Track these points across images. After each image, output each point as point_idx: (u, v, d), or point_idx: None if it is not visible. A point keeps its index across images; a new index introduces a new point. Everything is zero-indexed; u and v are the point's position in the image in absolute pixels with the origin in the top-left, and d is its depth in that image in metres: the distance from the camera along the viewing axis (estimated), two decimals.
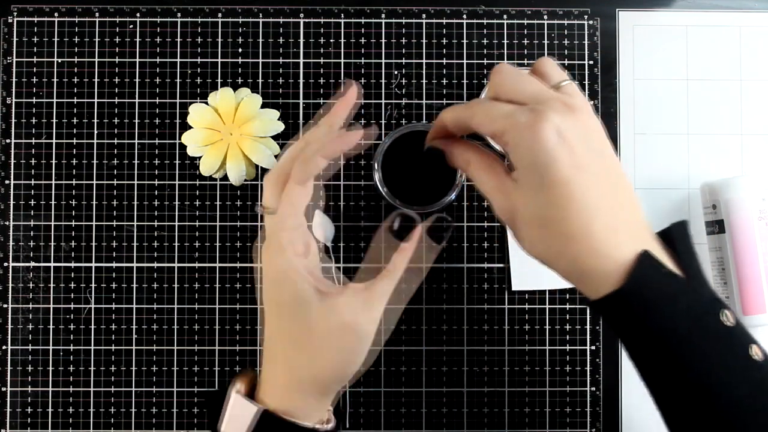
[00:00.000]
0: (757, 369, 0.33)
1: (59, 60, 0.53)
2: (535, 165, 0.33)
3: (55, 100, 0.53)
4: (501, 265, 0.53)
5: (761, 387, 0.33)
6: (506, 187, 0.35)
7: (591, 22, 0.53)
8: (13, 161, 0.53)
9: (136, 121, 0.53)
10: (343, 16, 0.53)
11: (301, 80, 0.53)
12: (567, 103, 0.34)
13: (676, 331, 0.33)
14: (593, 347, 0.52)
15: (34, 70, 0.53)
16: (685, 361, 0.33)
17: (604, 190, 0.34)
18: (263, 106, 0.52)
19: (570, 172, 0.33)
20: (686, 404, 0.33)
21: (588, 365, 0.52)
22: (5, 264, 0.52)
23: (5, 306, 0.52)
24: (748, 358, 0.33)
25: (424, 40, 0.53)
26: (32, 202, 0.53)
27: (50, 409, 0.52)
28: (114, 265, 0.53)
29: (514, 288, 0.52)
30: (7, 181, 0.53)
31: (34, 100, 0.53)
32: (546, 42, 0.53)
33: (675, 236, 0.35)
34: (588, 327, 0.52)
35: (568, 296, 0.53)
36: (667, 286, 0.33)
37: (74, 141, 0.53)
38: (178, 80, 0.53)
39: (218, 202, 0.53)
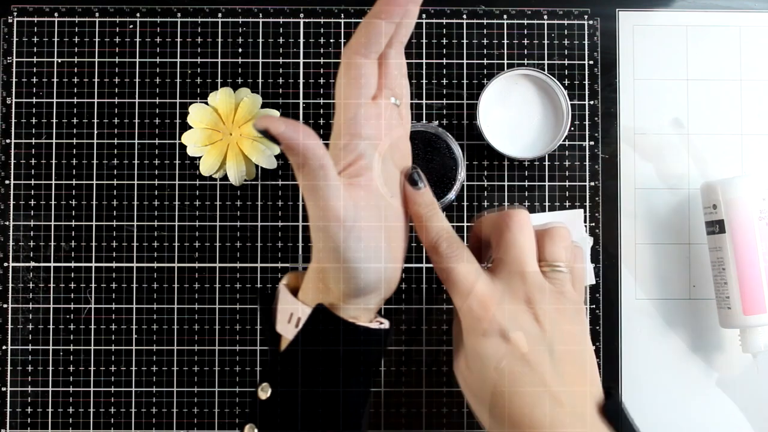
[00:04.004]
0: None
1: (59, 60, 0.53)
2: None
3: (55, 100, 0.53)
4: None
5: None
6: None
7: (591, 22, 0.53)
8: (13, 161, 0.53)
9: (136, 121, 0.53)
10: (343, 16, 0.53)
11: (301, 80, 0.53)
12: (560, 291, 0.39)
13: None
14: (593, 347, 0.52)
15: (34, 70, 0.53)
16: None
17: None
18: (263, 106, 0.52)
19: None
20: None
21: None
22: (5, 264, 0.52)
23: (5, 306, 0.52)
24: None
25: (424, 40, 0.53)
26: (32, 202, 0.53)
27: (50, 409, 0.52)
28: (114, 265, 0.53)
29: None
30: (7, 181, 0.53)
31: (34, 100, 0.53)
32: (546, 42, 0.53)
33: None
34: (588, 327, 0.52)
35: None
36: None
37: (74, 141, 0.53)
38: (178, 80, 0.53)
39: (218, 202, 0.53)
